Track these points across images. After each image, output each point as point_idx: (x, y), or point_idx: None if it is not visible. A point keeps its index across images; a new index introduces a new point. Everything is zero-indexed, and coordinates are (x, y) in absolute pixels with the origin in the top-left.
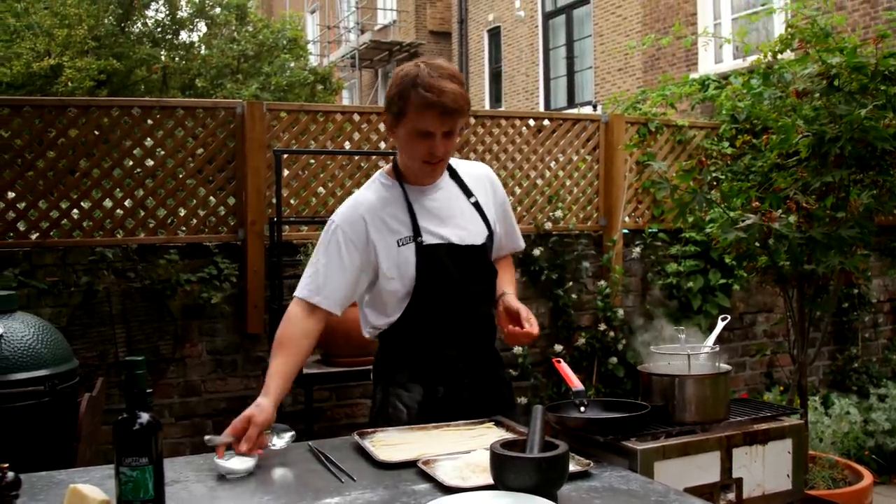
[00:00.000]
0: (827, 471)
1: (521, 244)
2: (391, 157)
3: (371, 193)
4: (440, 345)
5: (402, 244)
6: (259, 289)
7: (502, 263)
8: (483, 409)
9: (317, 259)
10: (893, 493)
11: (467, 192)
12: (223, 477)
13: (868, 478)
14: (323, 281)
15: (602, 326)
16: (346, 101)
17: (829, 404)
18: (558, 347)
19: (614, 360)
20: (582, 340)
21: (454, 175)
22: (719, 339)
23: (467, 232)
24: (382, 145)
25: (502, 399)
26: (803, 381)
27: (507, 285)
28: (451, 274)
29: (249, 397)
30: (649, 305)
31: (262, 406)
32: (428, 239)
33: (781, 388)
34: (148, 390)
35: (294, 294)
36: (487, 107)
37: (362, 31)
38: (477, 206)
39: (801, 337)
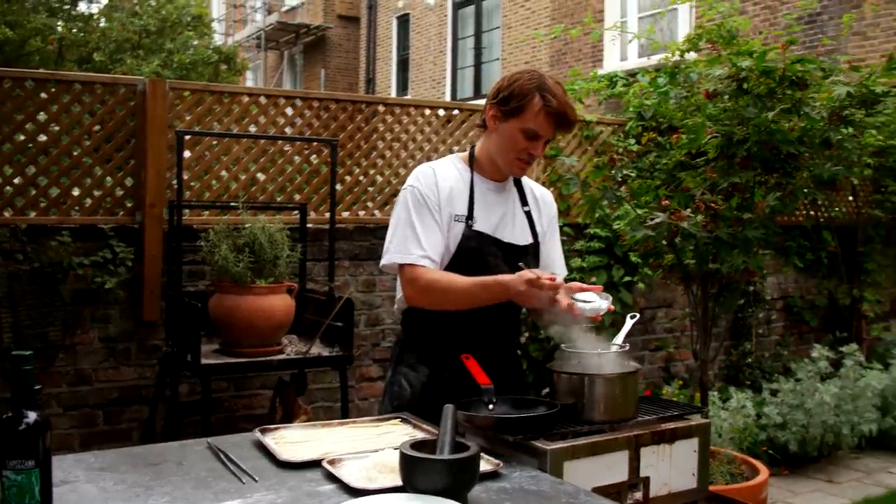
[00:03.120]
0: (725, 465)
1: (563, 272)
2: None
3: (443, 167)
4: (452, 330)
5: (457, 220)
6: (156, 275)
7: None
8: None
9: (409, 225)
10: (784, 485)
11: (524, 202)
12: (118, 478)
13: (764, 472)
14: (426, 242)
15: None
16: (249, 83)
17: (726, 398)
18: None
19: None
20: None
21: (517, 184)
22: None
23: (513, 232)
24: (288, 130)
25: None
26: (705, 378)
27: None
28: (485, 262)
29: (143, 387)
30: None
31: (511, 278)
32: (478, 225)
33: (680, 382)
34: (36, 387)
35: (396, 262)
36: (394, 94)
37: (269, 12)
38: (529, 215)
39: (703, 334)
